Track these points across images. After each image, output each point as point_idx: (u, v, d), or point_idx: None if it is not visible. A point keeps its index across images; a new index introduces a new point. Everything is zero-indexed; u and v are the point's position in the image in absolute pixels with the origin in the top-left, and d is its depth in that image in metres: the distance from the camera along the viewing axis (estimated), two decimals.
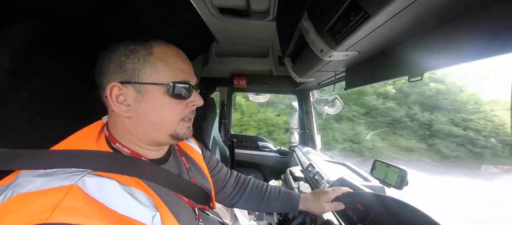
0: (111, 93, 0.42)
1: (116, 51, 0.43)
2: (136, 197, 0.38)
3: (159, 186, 0.46)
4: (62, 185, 0.33)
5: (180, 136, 0.49)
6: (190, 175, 0.59)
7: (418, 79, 0.59)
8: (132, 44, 0.44)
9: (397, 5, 0.39)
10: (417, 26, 0.50)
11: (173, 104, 0.46)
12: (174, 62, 0.46)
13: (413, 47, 0.57)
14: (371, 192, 0.76)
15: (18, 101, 0.50)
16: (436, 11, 0.43)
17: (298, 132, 2.23)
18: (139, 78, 0.43)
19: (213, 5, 1.13)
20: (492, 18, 0.38)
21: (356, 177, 1.18)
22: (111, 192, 0.35)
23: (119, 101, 0.43)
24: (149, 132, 0.46)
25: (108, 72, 0.43)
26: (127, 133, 0.46)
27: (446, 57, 0.49)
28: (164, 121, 0.46)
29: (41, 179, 0.33)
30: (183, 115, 0.48)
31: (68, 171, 0.36)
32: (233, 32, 1.54)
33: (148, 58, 0.43)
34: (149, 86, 0.43)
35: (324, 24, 0.63)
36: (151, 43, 0.45)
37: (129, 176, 0.41)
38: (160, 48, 0.45)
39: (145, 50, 0.43)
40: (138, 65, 0.43)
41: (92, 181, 0.35)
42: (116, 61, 0.43)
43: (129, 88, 0.43)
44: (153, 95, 0.44)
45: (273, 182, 1.83)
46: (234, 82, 2.15)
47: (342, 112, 1.80)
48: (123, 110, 0.43)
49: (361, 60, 0.81)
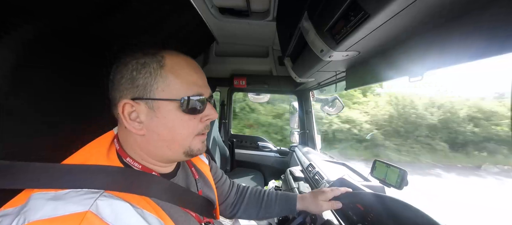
0: (124, 111, 0.41)
1: (128, 66, 0.41)
2: (148, 220, 0.37)
3: (169, 204, 0.45)
4: (76, 211, 0.31)
5: (194, 152, 0.47)
6: (198, 187, 0.58)
7: (418, 79, 0.59)
8: (143, 58, 0.42)
9: (397, 5, 0.39)
10: (417, 26, 0.50)
11: (187, 120, 0.44)
12: (187, 74, 0.44)
13: (413, 47, 0.57)
14: (371, 192, 0.76)
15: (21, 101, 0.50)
16: (436, 11, 0.43)
17: (298, 132, 2.23)
18: (151, 94, 0.41)
19: (213, 5, 1.13)
20: (492, 18, 0.38)
21: (356, 177, 1.18)
22: (125, 217, 0.34)
23: (131, 118, 0.42)
24: (162, 150, 0.45)
25: (120, 88, 0.42)
26: (139, 150, 0.45)
27: (446, 57, 0.49)
28: (178, 138, 0.44)
29: (53, 203, 0.32)
30: (197, 131, 0.46)
31: (80, 192, 0.35)
32: (233, 32, 1.54)
33: (160, 71, 0.41)
34: (161, 102, 0.41)
35: (324, 24, 0.63)
36: (163, 54, 0.43)
37: (140, 195, 0.41)
38: (172, 59, 0.43)
39: (156, 63, 0.41)
40: (149, 80, 0.41)
41: (106, 205, 0.34)
42: (128, 77, 0.41)
43: (141, 104, 0.41)
44: (165, 111, 0.42)
45: (273, 182, 1.83)
46: (234, 82, 2.15)
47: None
48: (136, 128, 0.42)
49: (361, 60, 0.81)
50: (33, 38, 0.51)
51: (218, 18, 1.22)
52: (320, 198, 0.74)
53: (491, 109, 4.06)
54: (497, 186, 3.62)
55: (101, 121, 0.54)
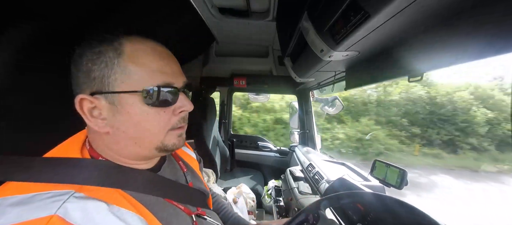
0: (82, 107, 0.37)
1: (82, 57, 0.36)
2: (127, 220, 0.34)
3: (152, 199, 0.41)
4: (40, 216, 0.28)
5: (169, 148, 0.42)
6: (187, 179, 0.56)
7: (418, 79, 0.59)
8: (98, 46, 0.36)
9: (397, 5, 0.39)
10: (417, 26, 0.50)
11: (156, 114, 0.39)
12: (150, 61, 0.38)
13: (413, 47, 0.57)
14: (371, 192, 0.76)
15: (17, 102, 0.50)
16: (436, 11, 0.43)
17: (298, 132, 2.23)
18: (109, 87, 0.36)
19: (213, 5, 1.13)
20: (492, 18, 0.38)
21: (356, 177, 1.18)
22: (99, 217, 0.31)
23: (93, 115, 0.37)
24: (132, 148, 0.40)
25: (77, 82, 0.37)
26: (108, 150, 0.41)
27: (446, 57, 0.49)
28: (146, 134, 0.39)
29: (16, 209, 0.29)
30: (170, 125, 0.41)
31: (48, 194, 0.31)
32: (233, 32, 1.54)
33: (117, 60, 0.36)
34: (122, 95, 0.36)
35: (324, 24, 0.63)
36: (121, 41, 0.37)
37: (119, 189, 0.37)
38: (133, 46, 0.37)
39: (113, 52, 0.36)
40: (106, 71, 0.36)
41: (75, 207, 0.31)
42: (84, 69, 0.36)
43: (100, 99, 0.36)
44: (128, 105, 0.37)
45: (273, 182, 1.83)
46: (234, 82, 2.15)
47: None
48: (99, 125, 0.37)
49: (361, 60, 0.81)
50: (31, 38, 0.51)
51: (218, 18, 1.22)
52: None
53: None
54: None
55: None
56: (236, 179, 2.08)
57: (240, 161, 2.39)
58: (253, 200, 1.67)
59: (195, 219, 0.50)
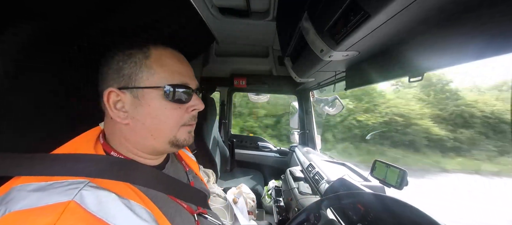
0: (109, 100, 0.42)
1: (114, 57, 0.43)
2: (136, 211, 0.36)
3: (158, 195, 0.45)
4: (58, 201, 0.31)
5: (180, 142, 0.47)
6: (189, 178, 0.58)
7: (418, 80, 0.59)
8: (129, 49, 0.43)
9: (397, 5, 0.39)
10: (417, 26, 0.50)
11: (172, 109, 0.44)
12: (171, 64, 0.44)
13: (413, 47, 0.57)
14: (371, 192, 0.76)
15: (17, 102, 0.50)
16: (436, 11, 0.43)
17: (298, 132, 2.23)
18: (136, 83, 0.42)
19: (213, 5, 1.13)
20: (492, 18, 0.38)
21: (356, 177, 1.18)
22: (111, 207, 0.34)
23: (117, 108, 0.42)
24: (147, 139, 0.45)
25: (106, 79, 0.43)
26: (125, 141, 0.45)
27: (446, 57, 0.49)
28: (163, 126, 0.44)
29: (36, 194, 0.32)
30: (183, 121, 0.46)
31: (64, 183, 0.34)
32: (233, 32, 1.54)
33: (145, 61, 0.42)
34: (146, 90, 0.42)
35: (324, 24, 0.63)
36: (149, 47, 0.44)
37: (128, 182, 0.40)
38: (157, 51, 0.44)
39: (142, 54, 0.43)
40: (135, 69, 0.42)
41: (90, 195, 0.34)
42: (114, 67, 0.42)
43: (126, 93, 0.42)
44: (150, 99, 0.42)
45: (273, 182, 1.83)
46: (234, 82, 2.15)
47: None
48: (120, 117, 0.42)
49: (361, 60, 0.81)
50: (30, 39, 0.51)
51: (218, 18, 1.22)
52: None
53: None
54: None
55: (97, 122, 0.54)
56: (236, 179, 2.08)
57: (240, 161, 2.39)
58: (253, 200, 1.67)
59: (196, 218, 0.52)
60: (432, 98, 3.80)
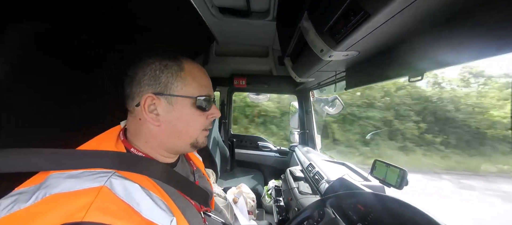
0: (145, 103, 0.47)
1: (151, 65, 0.48)
2: (156, 202, 0.40)
3: (172, 190, 0.49)
4: (92, 186, 0.35)
5: (199, 144, 0.54)
6: (195, 177, 0.63)
7: (418, 79, 0.59)
8: (165, 60, 0.48)
9: (397, 5, 0.39)
10: (417, 26, 0.50)
11: (198, 116, 0.51)
12: (200, 78, 0.52)
13: (413, 47, 0.57)
14: (371, 191, 0.76)
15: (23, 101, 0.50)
16: (436, 11, 0.43)
17: (298, 132, 2.23)
18: (171, 91, 0.48)
19: (213, 5, 1.13)
20: (492, 18, 0.38)
21: (356, 177, 1.18)
22: (135, 195, 0.38)
23: (150, 110, 0.47)
24: (173, 140, 0.51)
25: (141, 84, 0.47)
26: (152, 139, 0.50)
27: (446, 57, 0.49)
28: (189, 130, 0.51)
29: (70, 180, 0.36)
30: (204, 126, 0.53)
31: (94, 172, 0.38)
32: (233, 32, 1.54)
33: (180, 73, 0.48)
34: (179, 98, 0.48)
35: (324, 24, 0.63)
36: (181, 60, 0.50)
37: (146, 175, 0.45)
38: (189, 65, 0.51)
39: (177, 66, 0.48)
40: (171, 79, 0.48)
41: (118, 183, 0.37)
42: (151, 74, 0.47)
43: (161, 99, 0.47)
44: (181, 106, 0.49)
45: (273, 182, 1.83)
46: (234, 82, 2.15)
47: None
48: (153, 119, 0.48)
49: (361, 60, 0.81)
50: (30, 39, 0.51)
51: (218, 18, 1.22)
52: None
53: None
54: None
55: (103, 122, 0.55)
56: (236, 179, 2.08)
57: (240, 161, 2.39)
58: (253, 200, 1.67)
59: (203, 216, 0.56)
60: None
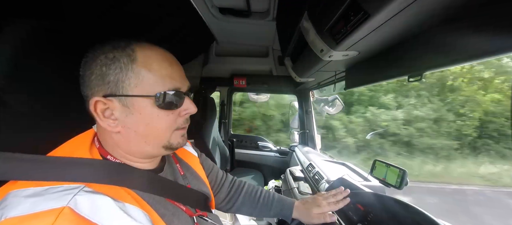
0: (96, 109, 0.40)
1: (96, 60, 0.39)
2: (131, 214, 0.36)
3: (155, 198, 0.44)
4: (53, 207, 0.31)
5: (174, 146, 0.46)
6: (185, 182, 0.57)
7: (418, 79, 0.59)
8: (112, 52, 0.39)
9: (397, 5, 0.39)
10: (417, 26, 0.50)
11: (164, 116, 0.42)
12: (161, 68, 0.41)
13: (413, 47, 0.57)
14: (371, 192, 0.76)
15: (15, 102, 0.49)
16: (436, 11, 0.43)
17: (298, 131, 2.23)
18: (123, 91, 0.39)
19: (213, 5, 1.13)
20: (492, 18, 0.38)
21: (356, 177, 1.18)
22: (105, 211, 0.34)
23: (105, 115, 0.40)
24: (141, 146, 0.43)
25: (90, 85, 0.40)
26: (117, 147, 0.44)
27: (446, 57, 0.49)
28: (156, 133, 0.43)
29: (31, 200, 0.32)
30: (176, 125, 0.45)
31: (59, 188, 0.34)
32: (233, 32, 1.54)
33: (131, 66, 0.39)
34: (135, 99, 0.40)
35: (324, 24, 0.63)
36: (133, 47, 0.40)
37: (125, 187, 0.40)
38: (144, 52, 0.40)
39: (127, 58, 0.39)
40: (121, 75, 0.39)
41: (85, 199, 0.34)
42: (98, 73, 0.39)
43: (114, 101, 0.39)
44: (141, 108, 0.40)
45: (273, 182, 1.83)
46: (234, 82, 2.15)
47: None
48: (111, 125, 0.40)
49: (361, 60, 0.81)
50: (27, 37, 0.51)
51: (218, 18, 1.22)
52: (314, 211, 0.72)
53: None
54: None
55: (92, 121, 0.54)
56: None
57: (240, 161, 2.39)
58: None
59: (196, 220, 0.52)
60: None
